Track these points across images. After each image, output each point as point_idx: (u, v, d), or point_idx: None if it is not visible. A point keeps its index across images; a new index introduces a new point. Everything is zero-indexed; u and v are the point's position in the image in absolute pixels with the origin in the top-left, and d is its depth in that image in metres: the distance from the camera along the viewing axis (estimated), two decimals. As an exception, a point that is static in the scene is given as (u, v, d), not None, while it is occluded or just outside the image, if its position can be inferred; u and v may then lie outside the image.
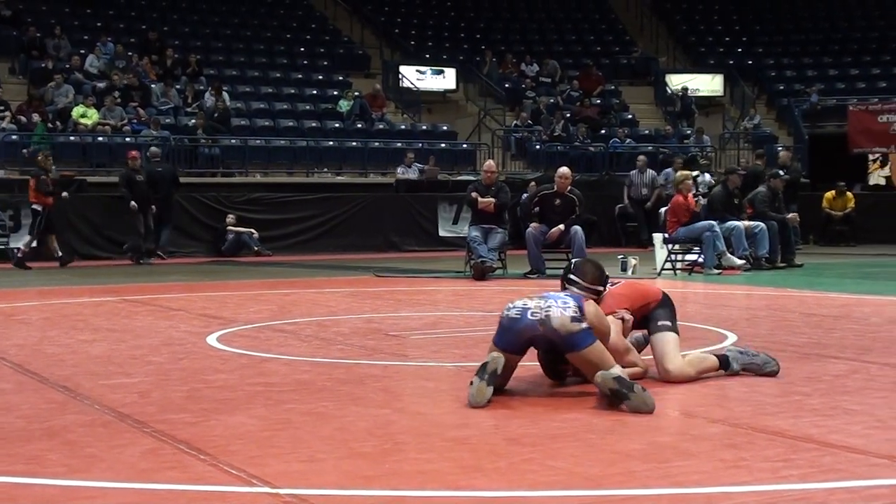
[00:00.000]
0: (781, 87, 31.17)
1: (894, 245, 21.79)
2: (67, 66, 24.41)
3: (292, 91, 26.74)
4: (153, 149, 20.53)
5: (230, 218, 20.14)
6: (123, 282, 14.48)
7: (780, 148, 24.90)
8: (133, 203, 18.40)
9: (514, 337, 5.43)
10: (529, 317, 5.34)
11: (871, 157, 29.53)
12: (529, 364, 5.77)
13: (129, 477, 3.97)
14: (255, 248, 20.08)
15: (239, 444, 4.47)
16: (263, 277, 15.16)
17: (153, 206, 18.84)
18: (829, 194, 23.89)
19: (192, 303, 11.26)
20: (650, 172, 22.83)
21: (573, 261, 6.27)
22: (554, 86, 29.93)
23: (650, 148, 26.56)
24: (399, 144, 24.82)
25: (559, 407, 5.17)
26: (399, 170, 23.37)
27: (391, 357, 7.07)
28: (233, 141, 23.61)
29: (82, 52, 25.36)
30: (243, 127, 24.32)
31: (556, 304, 5.33)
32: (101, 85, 23.91)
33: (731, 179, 16.23)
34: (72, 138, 22.33)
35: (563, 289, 5.79)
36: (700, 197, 15.35)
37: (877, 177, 30.27)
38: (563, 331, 5.28)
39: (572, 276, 5.83)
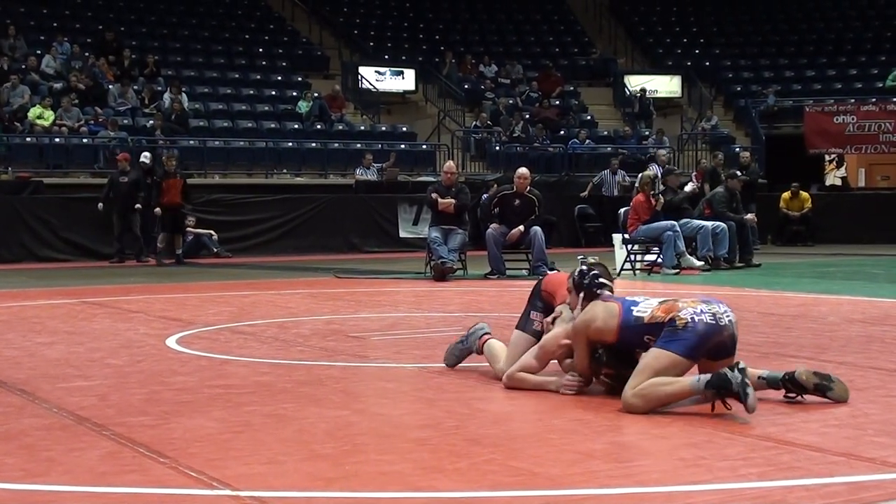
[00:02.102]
0: (738, 89, 31.39)
1: (850, 245, 22.01)
2: (23, 66, 24.16)
3: (251, 92, 26.62)
4: (146, 152, 20.08)
5: (189, 220, 20.04)
6: (81, 284, 14.37)
7: (738, 149, 25.08)
8: (100, 204, 18.38)
9: (708, 342, 5.13)
10: (727, 322, 5.17)
11: (827, 157, 29.81)
12: (483, 366, 5.77)
13: (88, 481, 3.94)
14: (215, 250, 19.99)
15: (199, 446, 4.45)
16: (223, 279, 15.09)
17: (158, 209, 18.56)
18: (786, 195, 24.16)
19: (151, 305, 11.20)
20: (622, 173, 22.90)
21: (594, 266, 5.68)
22: (513, 87, 30.00)
23: (609, 149, 26.70)
24: (359, 145, 24.78)
25: (520, 407, 5.17)
26: (357, 171, 23.33)
27: (351, 358, 7.05)
28: (191, 142, 23.47)
29: (38, 52, 25.12)
30: (202, 128, 24.17)
31: (724, 307, 5.22)
32: (58, 86, 23.71)
33: (668, 180, 16.37)
34: (28, 139, 22.12)
35: (590, 297, 5.49)
36: (661, 196, 15.47)
37: (833, 177, 30.59)
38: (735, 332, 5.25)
39: (606, 282, 5.62)
